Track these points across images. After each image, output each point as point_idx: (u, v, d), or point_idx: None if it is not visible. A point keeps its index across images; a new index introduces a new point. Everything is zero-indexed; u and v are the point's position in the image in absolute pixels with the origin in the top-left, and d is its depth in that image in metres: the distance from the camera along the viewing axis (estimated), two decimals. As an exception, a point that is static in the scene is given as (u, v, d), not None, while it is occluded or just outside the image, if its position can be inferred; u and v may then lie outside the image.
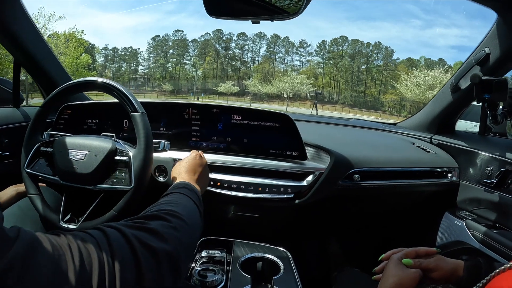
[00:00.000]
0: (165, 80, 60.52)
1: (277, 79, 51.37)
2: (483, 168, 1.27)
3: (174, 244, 0.51)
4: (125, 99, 0.96)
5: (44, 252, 0.35)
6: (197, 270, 0.95)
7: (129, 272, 0.41)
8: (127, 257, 0.42)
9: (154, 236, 0.49)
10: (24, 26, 1.35)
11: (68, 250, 0.37)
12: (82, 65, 35.02)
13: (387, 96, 53.69)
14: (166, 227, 0.53)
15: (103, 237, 0.43)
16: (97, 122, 1.34)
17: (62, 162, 0.97)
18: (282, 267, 1.02)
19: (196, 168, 0.93)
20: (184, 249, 0.54)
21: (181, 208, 0.64)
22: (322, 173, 1.19)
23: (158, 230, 0.51)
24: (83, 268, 0.37)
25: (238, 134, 1.24)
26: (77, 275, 0.36)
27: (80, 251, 0.38)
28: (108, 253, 0.41)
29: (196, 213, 0.69)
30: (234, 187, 1.18)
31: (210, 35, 65.90)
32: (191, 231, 0.61)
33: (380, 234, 1.72)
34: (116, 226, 0.47)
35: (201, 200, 0.78)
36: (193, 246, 0.64)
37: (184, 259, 0.54)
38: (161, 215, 0.57)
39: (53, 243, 0.37)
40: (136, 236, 0.46)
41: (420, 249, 0.81)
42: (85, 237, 0.41)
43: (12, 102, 1.50)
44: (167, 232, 0.52)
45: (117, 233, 0.45)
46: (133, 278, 0.42)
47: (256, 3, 0.85)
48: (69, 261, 0.36)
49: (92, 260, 0.39)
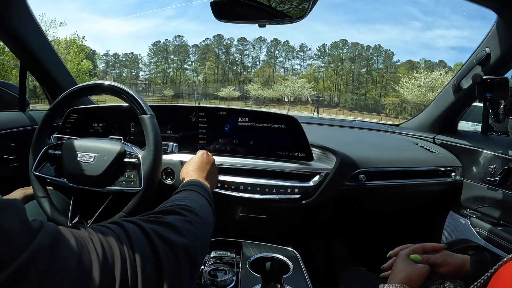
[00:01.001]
0: (166, 86, 60.53)
1: (278, 83, 51.51)
2: (486, 166, 1.28)
3: (190, 238, 0.51)
4: (134, 101, 0.97)
5: (67, 243, 0.35)
6: (208, 270, 0.96)
7: (149, 265, 0.41)
8: (147, 251, 0.43)
9: (171, 230, 0.49)
10: (31, 30, 1.37)
11: (90, 242, 0.38)
12: (83, 71, 35.10)
13: (388, 98, 53.62)
14: (182, 221, 0.54)
15: (122, 231, 0.43)
16: (103, 126, 1.35)
17: (70, 165, 0.98)
18: (291, 267, 1.04)
19: (204, 166, 0.93)
20: (200, 243, 0.54)
21: (194, 203, 0.64)
22: (328, 173, 1.20)
23: (175, 224, 0.51)
24: (106, 260, 0.37)
25: (245, 136, 1.25)
26: (101, 267, 0.36)
27: (101, 243, 0.39)
28: (129, 246, 0.41)
29: (208, 209, 0.69)
30: (242, 189, 1.19)
31: (211, 40, 66.17)
32: (206, 226, 0.61)
33: (386, 233, 1.73)
34: (134, 221, 0.48)
35: (212, 197, 0.78)
36: (208, 241, 0.63)
37: (200, 254, 0.54)
38: (176, 209, 0.57)
39: (75, 236, 0.37)
40: (154, 230, 0.46)
41: (427, 245, 0.82)
42: (105, 230, 0.42)
43: (18, 106, 1.51)
44: (183, 227, 0.52)
45: (136, 227, 0.45)
46: (154, 271, 0.42)
47: (263, 8, 0.88)
48: (92, 253, 0.37)
49: (114, 252, 0.39)
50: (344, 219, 1.61)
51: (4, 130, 1.33)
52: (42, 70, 1.52)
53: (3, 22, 1.26)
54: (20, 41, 1.35)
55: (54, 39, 32.81)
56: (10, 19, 1.26)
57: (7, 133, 1.34)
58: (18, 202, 0.35)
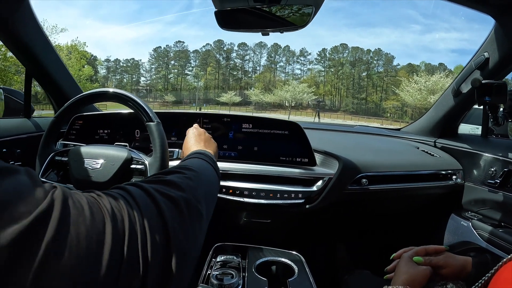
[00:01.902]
0: (167, 91, 60.64)
1: (278, 88, 51.51)
2: (486, 169, 1.30)
3: (191, 192, 0.54)
4: (140, 108, 0.98)
5: (80, 200, 0.37)
6: (215, 274, 0.98)
7: (153, 220, 0.43)
8: (150, 208, 0.44)
9: (171, 186, 0.52)
10: (36, 37, 1.38)
11: (100, 201, 0.39)
12: (85, 77, 35.06)
13: (388, 102, 53.61)
14: (181, 178, 0.56)
15: (128, 195, 0.44)
16: (108, 132, 1.37)
17: (77, 171, 0.99)
18: (296, 270, 1.05)
19: (200, 137, 0.94)
20: (202, 196, 0.57)
21: (193, 163, 0.68)
22: (331, 178, 1.22)
23: (175, 181, 0.54)
24: (114, 215, 0.39)
25: (249, 142, 1.27)
26: (112, 220, 0.37)
27: (109, 201, 0.40)
28: (134, 203, 0.43)
29: (210, 168, 0.72)
30: (246, 194, 1.21)
31: (211, 46, 66.33)
32: (207, 181, 0.64)
33: (389, 236, 1.74)
34: (136, 183, 0.50)
35: (214, 160, 0.79)
36: (213, 195, 0.65)
37: (204, 205, 0.56)
38: (175, 169, 0.60)
39: (85, 195, 0.39)
40: (155, 188, 0.48)
41: (429, 247, 0.84)
42: (111, 193, 0.43)
43: (23, 113, 1.52)
44: (183, 182, 0.55)
45: (139, 190, 0.47)
46: (160, 226, 0.43)
47: (266, 16, 0.90)
48: (103, 209, 0.38)
49: (121, 209, 0.40)
50: (347, 223, 1.62)
51: (9, 136, 1.34)
52: (47, 76, 1.53)
53: (9, 29, 1.27)
54: (25, 48, 1.37)
55: (55, 45, 32.65)
56: (16, 27, 1.27)
57: (13, 140, 1.35)
58: (31, 169, 0.36)
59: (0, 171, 0.32)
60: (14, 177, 0.33)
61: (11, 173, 0.33)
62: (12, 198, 0.30)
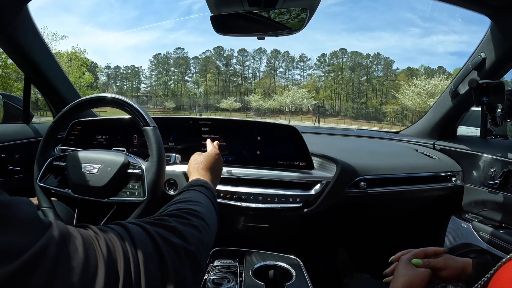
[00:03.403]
0: (167, 98, 60.85)
1: (278, 93, 51.66)
2: (486, 170, 1.30)
3: (195, 244, 0.51)
4: (136, 113, 0.99)
5: (75, 240, 0.36)
6: (211, 279, 0.97)
7: (152, 263, 0.42)
8: (150, 250, 0.43)
9: (175, 234, 0.50)
10: (35, 44, 1.39)
11: (95, 240, 0.39)
12: (85, 83, 35.10)
13: (388, 106, 53.70)
14: (186, 225, 0.54)
15: (125, 231, 0.44)
16: (107, 138, 1.37)
17: (75, 176, 1.00)
18: (294, 274, 1.04)
19: (215, 166, 0.91)
20: (204, 248, 0.54)
21: (200, 207, 0.64)
22: (329, 181, 1.21)
23: (179, 228, 0.51)
24: (110, 258, 0.38)
25: (246, 146, 1.27)
26: (106, 264, 0.37)
27: (106, 242, 0.39)
28: (131, 244, 0.42)
29: (213, 212, 0.69)
30: (244, 198, 1.20)
31: (211, 52, 66.69)
32: (210, 231, 0.61)
33: (388, 240, 1.73)
34: (137, 222, 0.49)
35: (216, 199, 0.77)
36: (211, 244, 0.62)
37: (204, 258, 0.55)
38: (180, 214, 0.57)
39: (82, 234, 0.38)
40: (157, 232, 0.47)
41: (428, 249, 0.83)
42: (108, 230, 0.42)
43: (22, 119, 1.53)
44: (188, 231, 0.52)
45: (139, 228, 0.46)
46: (157, 270, 0.43)
47: (261, 20, 0.90)
48: (98, 251, 0.38)
49: (116, 250, 0.40)
50: (346, 226, 1.61)
51: (9, 142, 1.35)
52: (46, 83, 1.54)
53: (9, 36, 1.28)
54: (25, 54, 1.38)
55: (56, 52, 32.82)
56: (15, 33, 1.28)
57: (12, 145, 1.36)
58: (29, 199, 0.36)
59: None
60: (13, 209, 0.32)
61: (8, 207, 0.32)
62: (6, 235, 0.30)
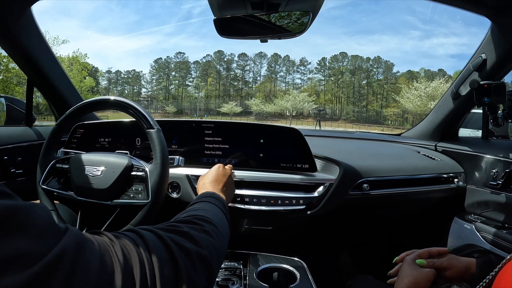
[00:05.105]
0: (168, 102, 60.97)
1: (279, 97, 51.86)
2: (488, 170, 1.30)
3: (208, 249, 0.52)
4: (140, 116, 0.99)
5: (91, 246, 0.36)
6: (216, 281, 0.97)
7: (166, 269, 0.42)
8: (164, 256, 0.44)
9: (187, 239, 0.50)
10: (39, 47, 1.40)
11: (111, 246, 0.39)
12: (86, 88, 35.23)
13: (389, 109, 53.73)
14: (199, 231, 0.54)
15: (138, 237, 0.44)
16: (109, 141, 1.37)
17: (78, 178, 1.00)
18: (298, 276, 1.04)
19: (220, 179, 0.94)
20: (216, 253, 0.54)
21: (210, 214, 0.65)
22: (332, 183, 1.21)
23: (192, 234, 0.52)
24: (126, 264, 0.38)
25: (249, 149, 1.27)
26: (122, 270, 0.37)
27: (121, 248, 0.40)
28: (146, 250, 0.42)
29: (224, 220, 0.70)
30: (247, 201, 1.20)
31: (211, 57, 66.96)
32: (222, 237, 0.61)
33: (391, 241, 1.73)
34: (150, 228, 0.49)
35: (227, 209, 0.78)
36: (224, 250, 0.62)
37: (217, 264, 0.55)
38: (193, 220, 0.58)
39: (97, 240, 0.38)
40: (170, 237, 0.47)
41: (432, 249, 0.83)
42: (122, 236, 0.43)
43: (25, 121, 1.54)
44: (200, 236, 0.53)
45: (152, 235, 0.46)
46: (171, 275, 0.43)
47: (264, 24, 0.91)
48: (114, 257, 0.38)
49: (131, 256, 0.40)
50: (349, 228, 1.61)
51: (11, 144, 1.35)
52: (49, 86, 1.54)
53: (13, 38, 1.29)
54: (28, 57, 1.38)
55: (57, 56, 32.96)
56: (19, 36, 1.29)
57: (14, 148, 1.36)
58: (44, 205, 0.36)
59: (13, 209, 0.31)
60: (28, 213, 0.32)
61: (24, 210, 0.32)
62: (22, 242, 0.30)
